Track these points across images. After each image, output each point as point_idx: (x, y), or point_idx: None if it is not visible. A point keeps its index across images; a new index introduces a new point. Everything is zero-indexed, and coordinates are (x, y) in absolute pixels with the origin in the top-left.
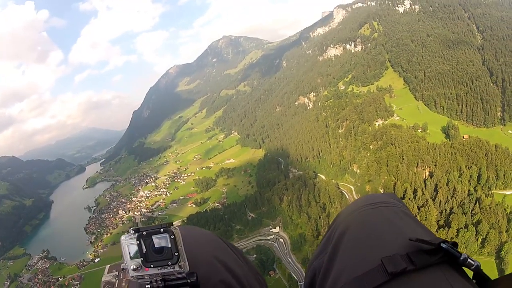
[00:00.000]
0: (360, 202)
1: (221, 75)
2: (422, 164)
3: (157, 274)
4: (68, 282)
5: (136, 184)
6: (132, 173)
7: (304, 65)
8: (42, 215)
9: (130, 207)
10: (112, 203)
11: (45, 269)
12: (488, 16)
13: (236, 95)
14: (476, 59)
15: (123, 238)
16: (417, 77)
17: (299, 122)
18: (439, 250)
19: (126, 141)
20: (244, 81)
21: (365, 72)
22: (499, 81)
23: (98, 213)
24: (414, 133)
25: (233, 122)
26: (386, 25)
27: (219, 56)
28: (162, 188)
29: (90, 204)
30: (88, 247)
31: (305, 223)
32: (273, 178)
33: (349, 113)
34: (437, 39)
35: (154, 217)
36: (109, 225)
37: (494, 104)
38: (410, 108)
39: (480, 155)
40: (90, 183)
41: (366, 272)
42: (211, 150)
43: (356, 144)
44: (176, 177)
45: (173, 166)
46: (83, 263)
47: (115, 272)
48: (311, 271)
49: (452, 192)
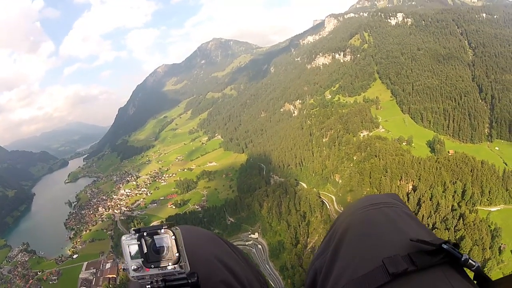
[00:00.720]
0: (362, 202)
1: (208, 77)
2: (405, 177)
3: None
4: (46, 277)
5: (118, 181)
6: (114, 170)
7: (292, 72)
8: (23, 207)
9: (110, 204)
10: (92, 199)
11: (25, 262)
12: (482, 32)
13: (222, 98)
14: (466, 75)
15: (124, 238)
16: (405, 90)
17: (283, 129)
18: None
19: (110, 137)
20: (231, 84)
21: (352, 82)
22: (488, 97)
23: (79, 208)
24: (399, 146)
25: (218, 125)
26: (377, 36)
27: (208, 58)
28: (143, 187)
29: (71, 199)
30: (67, 243)
31: (284, 230)
32: (254, 183)
33: (334, 123)
34: (427, 53)
35: (134, 216)
36: (88, 221)
37: (482, 120)
38: (396, 120)
39: (466, 170)
40: (72, 178)
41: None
42: (193, 152)
43: (339, 154)
44: (157, 177)
45: (155, 166)
46: (62, 259)
47: (93, 270)
48: (312, 271)
49: (436, 207)
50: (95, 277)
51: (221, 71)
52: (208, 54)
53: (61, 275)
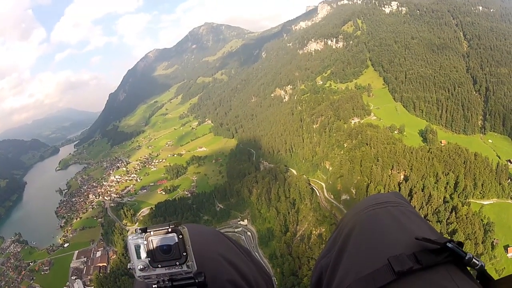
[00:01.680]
0: (368, 201)
1: (199, 62)
2: (397, 167)
3: (164, 274)
4: (38, 267)
5: (108, 168)
6: (104, 156)
7: (283, 58)
8: (15, 197)
9: (101, 191)
10: (83, 186)
11: (17, 253)
12: (477, 25)
13: (213, 83)
14: (460, 66)
15: (130, 237)
16: (398, 78)
17: (274, 114)
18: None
19: (101, 123)
20: (222, 69)
21: (344, 69)
22: (482, 89)
23: (69, 196)
24: (391, 135)
25: (208, 110)
26: (370, 24)
27: (199, 42)
28: (133, 173)
29: (61, 187)
30: (58, 231)
31: (274, 217)
32: (243, 169)
33: (325, 109)
34: (421, 43)
35: (124, 203)
36: (79, 209)
37: (475, 112)
38: (388, 108)
39: (459, 162)
40: (62, 165)
41: (373, 271)
42: (183, 137)
43: (330, 141)
44: (147, 163)
45: (145, 151)
46: (53, 248)
47: (83, 259)
48: (318, 269)
49: (428, 198)
50: (86, 266)
51: (212, 56)
52: (200, 38)
53: (52, 265)
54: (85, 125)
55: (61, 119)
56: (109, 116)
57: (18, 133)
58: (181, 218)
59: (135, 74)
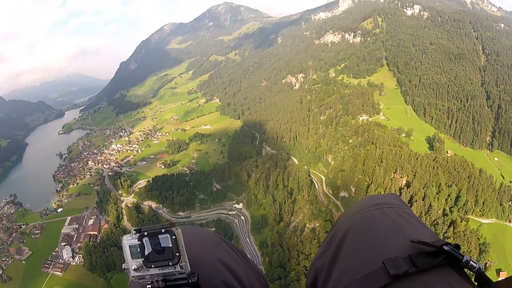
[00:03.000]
0: (364, 203)
1: (214, 40)
2: (400, 171)
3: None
4: (29, 230)
5: (110, 136)
6: (108, 124)
7: (298, 45)
8: (15, 158)
9: (100, 159)
10: (83, 152)
11: (10, 215)
12: (497, 41)
13: (225, 62)
14: (475, 79)
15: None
16: (411, 81)
17: (282, 100)
18: (442, 252)
19: (109, 91)
20: (236, 49)
21: (359, 64)
22: (495, 106)
23: (69, 161)
24: (398, 137)
25: (217, 89)
26: (390, 23)
27: (216, 21)
28: (135, 144)
29: (62, 151)
30: (54, 196)
31: (269, 205)
32: (245, 152)
33: (334, 102)
34: (439, 49)
35: (122, 173)
36: (77, 174)
37: (485, 127)
38: (398, 110)
39: (463, 176)
40: (66, 129)
41: (368, 274)
42: (189, 112)
43: (335, 135)
44: (150, 135)
45: (149, 123)
46: (46, 212)
47: (75, 225)
48: (313, 271)
49: (427, 208)
50: (77, 233)
51: (227, 35)
52: (217, 17)
53: (44, 229)
54: (93, 91)
55: (70, 84)
56: (118, 85)
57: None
58: (177, 195)
59: (148, 46)
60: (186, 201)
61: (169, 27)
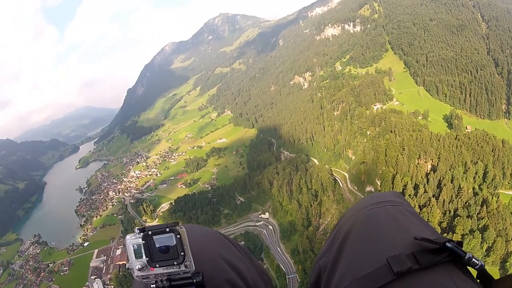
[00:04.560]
0: (366, 201)
1: (216, 53)
2: (424, 156)
3: (162, 274)
4: (57, 268)
5: (128, 163)
6: (124, 152)
7: (300, 44)
8: (34, 198)
9: (121, 188)
10: (103, 183)
11: (36, 255)
12: (494, 6)
13: (231, 73)
14: (481, 48)
15: (129, 237)
16: (419, 61)
17: (293, 102)
18: (444, 249)
19: (120, 119)
20: (240, 59)
21: (363, 53)
22: (504, 72)
23: (89, 194)
24: (416, 121)
25: (227, 101)
26: (387, 6)
27: (215, 33)
28: (153, 168)
29: (81, 185)
30: (78, 230)
31: (296, 210)
32: (264, 160)
33: (345, 95)
34: (440, 24)
35: (144, 199)
36: (99, 207)
37: (499, 96)
38: (411, 93)
39: (487, 150)
40: (82, 163)
41: (372, 272)
42: (203, 128)
43: (352, 129)
44: (167, 157)
45: (164, 145)
46: (73, 247)
47: (103, 257)
48: (316, 269)
49: (457, 190)
50: (106, 265)
51: (229, 46)
52: (215, 29)
53: (72, 265)
54: (104, 121)
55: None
56: (128, 112)
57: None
58: (201, 213)
59: (152, 68)
60: (211, 218)
61: (170, 47)
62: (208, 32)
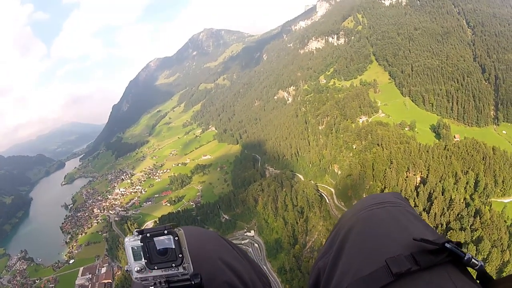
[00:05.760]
0: (366, 201)
1: (200, 68)
2: (413, 168)
3: (161, 276)
4: (44, 285)
5: (112, 180)
6: (109, 169)
7: (284, 58)
8: (21, 213)
9: (105, 205)
10: (88, 200)
11: (23, 271)
12: (479, 12)
13: (215, 89)
14: (467, 55)
15: (127, 239)
16: (404, 71)
17: (278, 117)
18: (444, 250)
19: (105, 135)
20: (224, 74)
21: (348, 65)
22: (491, 78)
23: (74, 211)
24: (403, 133)
25: (211, 117)
26: (371, 17)
27: (200, 48)
28: (138, 185)
29: (67, 201)
30: (64, 248)
31: (281, 228)
32: (248, 177)
33: (330, 109)
34: (425, 33)
35: (128, 216)
36: (84, 224)
37: (487, 102)
38: (396, 104)
39: (477, 159)
40: (68, 180)
41: (371, 273)
42: (188, 145)
43: (337, 143)
44: (152, 174)
45: (149, 162)
46: (58, 265)
47: (88, 275)
48: (315, 270)
49: (449, 202)
50: (91, 283)
51: (213, 62)
52: (200, 45)
53: (58, 282)
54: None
55: (67, 133)
56: (113, 128)
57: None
58: None
59: (137, 84)
60: None
61: (155, 63)
62: (192, 47)
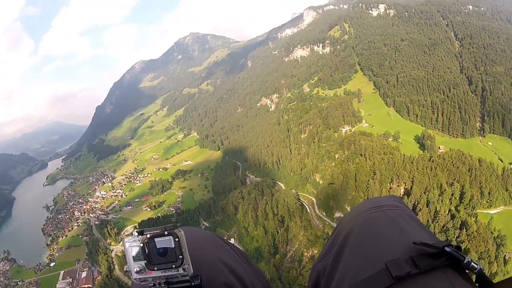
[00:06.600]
0: (365, 205)
1: (185, 73)
2: (397, 180)
3: (160, 277)
4: (26, 287)
5: (94, 183)
6: (90, 171)
7: (269, 66)
8: (4, 213)
9: (86, 208)
10: (69, 203)
11: (6, 272)
12: (468, 24)
13: (199, 94)
14: (454, 67)
15: (127, 240)
16: (389, 82)
17: (260, 124)
18: (443, 253)
19: (88, 137)
20: (208, 79)
21: (332, 74)
22: (478, 90)
23: (56, 213)
24: (386, 143)
25: (193, 122)
26: (358, 27)
27: (185, 53)
28: (118, 189)
29: (48, 203)
30: (45, 250)
31: (262, 236)
32: (229, 184)
33: (313, 117)
34: (412, 44)
35: (108, 220)
36: (65, 226)
37: (473, 114)
38: (380, 114)
39: (463, 170)
40: (50, 180)
41: (370, 276)
42: (169, 149)
43: (319, 152)
44: (133, 178)
45: (130, 166)
46: (39, 267)
47: (69, 279)
48: (315, 273)
49: (434, 214)
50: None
51: (198, 66)
52: (185, 49)
53: (39, 285)
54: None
55: (50, 133)
56: (96, 129)
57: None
58: None
59: (121, 86)
60: None
61: (140, 65)
62: (178, 51)
